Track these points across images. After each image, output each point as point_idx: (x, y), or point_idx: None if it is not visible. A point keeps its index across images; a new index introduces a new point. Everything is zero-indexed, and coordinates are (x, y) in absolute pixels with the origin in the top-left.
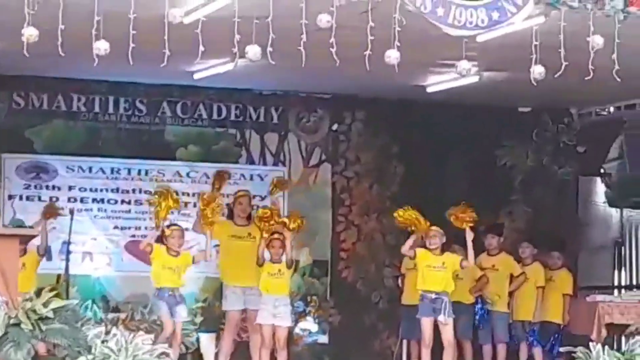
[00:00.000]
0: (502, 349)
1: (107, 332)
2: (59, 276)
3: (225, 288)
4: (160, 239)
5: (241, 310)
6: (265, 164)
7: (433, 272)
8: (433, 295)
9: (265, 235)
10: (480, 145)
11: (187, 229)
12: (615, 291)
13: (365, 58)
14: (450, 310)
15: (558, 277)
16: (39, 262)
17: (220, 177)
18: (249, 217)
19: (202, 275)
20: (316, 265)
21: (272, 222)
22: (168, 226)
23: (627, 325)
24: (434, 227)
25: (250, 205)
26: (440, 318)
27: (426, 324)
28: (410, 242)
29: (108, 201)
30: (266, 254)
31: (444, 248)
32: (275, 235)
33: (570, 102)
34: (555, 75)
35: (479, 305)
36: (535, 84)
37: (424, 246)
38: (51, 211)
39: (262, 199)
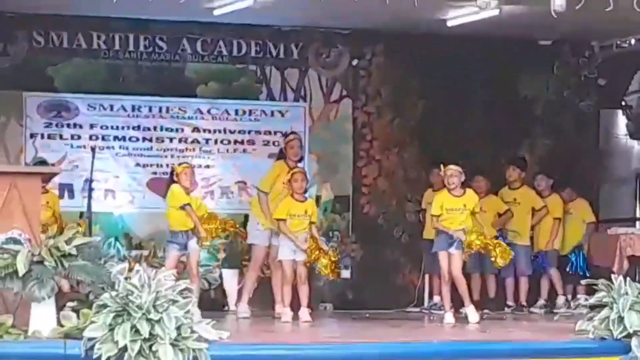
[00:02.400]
0: (524, 282)
1: (130, 269)
2: (81, 214)
3: (255, 224)
4: (172, 179)
5: (266, 247)
6: (286, 100)
7: (453, 215)
8: (450, 232)
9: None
10: (500, 78)
11: (208, 167)
12: (637, 223)
13: None
14: (460, 244)
15: (574, 207)
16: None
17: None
18: (300, 160)
19: (225, 212)
20: (338, 201)
21: None
22: (180, 164)
23: None
24: (452, 166)
25: (301, 147)
26: (451, 250)
27: (443, 257)
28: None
29: (130, 139)
30: None
31: (465, 182)
32: (297, 169)
33: (591, 34)
34: (576, 7)
35: (500, 239)
36: (555, 16)
37: (444, 186)
38: None
39: (284, 135)
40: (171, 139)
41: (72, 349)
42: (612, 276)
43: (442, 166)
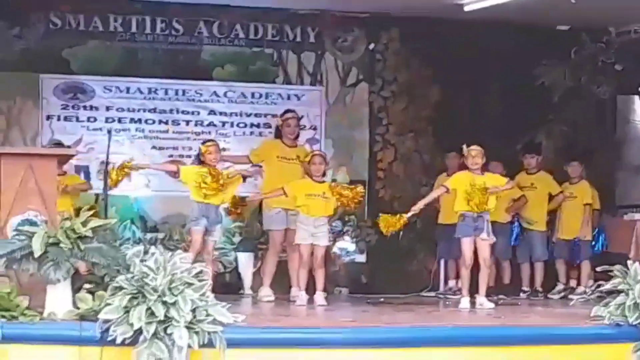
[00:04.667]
0: (540, 268)
1: (146, 252)
2: (97, 196)
3: (268, 209)
4: (199, 160)
5: (283, 230)
6: (302, 83)
7: (476, 194)
8: (475, 215)
9: None
10: (517, 64)
11: (224, 149)
12: None
13: None
14: (490, 229)
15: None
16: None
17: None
18: (296, 138)
19: (239, 196)
20: (353, 185)
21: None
22: (203, 142)
23: None
24: (476, 147)
25: (298, 126)
26: (483, 235)
27: (466, 243)
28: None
29: (146, 121)
30: None
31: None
32: (317, 152)
33: (609, 20)
34: None
35: (516, 224)
36: (573, 1)
37: (465, 167)
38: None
39: (299, 119)
40: (187, 122)
41: (87, 330)
42: (628, 262)
43: (464, 147)
